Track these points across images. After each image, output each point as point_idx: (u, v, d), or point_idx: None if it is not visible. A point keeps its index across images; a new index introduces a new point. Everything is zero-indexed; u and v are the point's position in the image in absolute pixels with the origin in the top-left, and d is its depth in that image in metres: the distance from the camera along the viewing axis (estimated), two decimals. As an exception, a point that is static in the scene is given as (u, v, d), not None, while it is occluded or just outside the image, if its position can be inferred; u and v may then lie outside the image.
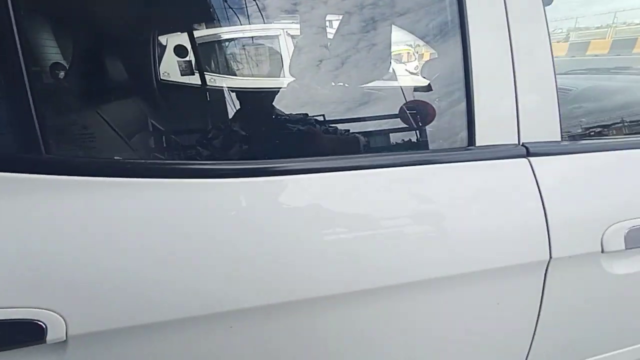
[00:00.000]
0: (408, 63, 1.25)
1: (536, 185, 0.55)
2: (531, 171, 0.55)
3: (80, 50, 0.77)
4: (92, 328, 0.43)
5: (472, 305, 0.58)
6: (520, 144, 0.57)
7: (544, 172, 0.56)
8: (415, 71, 1.00)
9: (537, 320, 0.61)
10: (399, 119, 0.69)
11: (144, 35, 0.94)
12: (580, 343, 0.67)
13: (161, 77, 1.09)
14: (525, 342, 0.63)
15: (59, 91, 0.68)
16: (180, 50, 1.15)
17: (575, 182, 0.59)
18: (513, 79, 0.56)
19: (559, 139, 0.58)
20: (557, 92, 0.58)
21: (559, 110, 0.58)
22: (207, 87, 1.16)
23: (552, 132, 0.58)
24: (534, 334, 0.63)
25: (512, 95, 0.57)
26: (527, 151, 0.56)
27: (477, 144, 0.56)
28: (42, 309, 0.41)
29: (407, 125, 0.69)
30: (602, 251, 0.57)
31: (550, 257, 0.55)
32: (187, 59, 1.14)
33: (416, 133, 0.68)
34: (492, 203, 0.55)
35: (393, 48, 0.85)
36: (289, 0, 0.78)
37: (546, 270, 0.57)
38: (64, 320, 0.41)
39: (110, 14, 0.67)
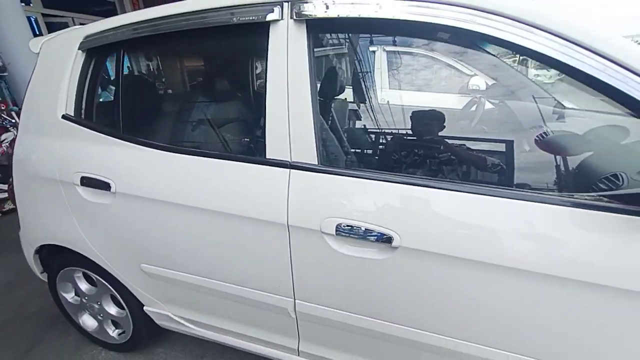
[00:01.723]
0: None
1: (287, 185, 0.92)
2: (288, 177, 0.92)
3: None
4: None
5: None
6: (290, 160, 0.92)
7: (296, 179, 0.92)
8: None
9: (292, 274, 0.98)
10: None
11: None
12: (323, 294, 0.99)
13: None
14: (289, 286, 1.00)
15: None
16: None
17: (312, 189, 0.92)
18: (287, 117, 0.91)
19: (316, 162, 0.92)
20: (314, 127, 0.90)
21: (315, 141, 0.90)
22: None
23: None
24: (293, 282, 0.99)
25: (287, 129, 0.91)
26: (291, 165, 0.92)
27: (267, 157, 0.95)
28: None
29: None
30: (321, 231, 0.89)
31: (288, 224, 0.92)
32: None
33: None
34: (270, 190, 0.94)
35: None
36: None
37: (289, 232, 0.93)
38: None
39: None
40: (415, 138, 1.14)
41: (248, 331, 1.20)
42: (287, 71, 0.90)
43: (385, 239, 0.84)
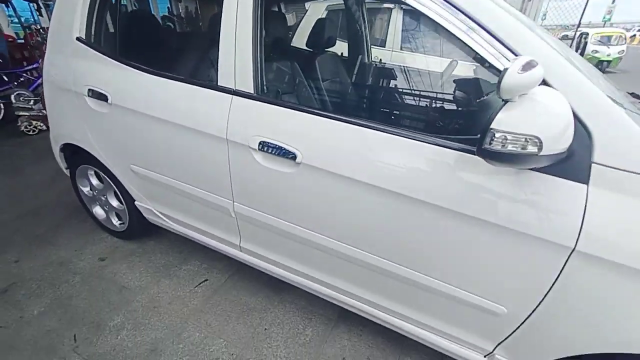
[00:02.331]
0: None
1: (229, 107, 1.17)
2: (230, 101, 1.17)
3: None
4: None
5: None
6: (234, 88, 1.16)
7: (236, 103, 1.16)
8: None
9: (230, 179, 1.26)
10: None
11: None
12: (253, 198, 1.28)
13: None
14: (229, 190, 1.30)
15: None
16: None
17: (246, 112, 1.16)
18: (234, 54, 1.14)
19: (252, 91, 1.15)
20: (252, 62, 1.13)
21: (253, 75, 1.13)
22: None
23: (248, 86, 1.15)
24: (232, 187, 1.28)
25: (233, 63, 1.15)
26: (234, 92, 1.17)
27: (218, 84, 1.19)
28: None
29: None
30: (249, 146, 1.15)
31: (227, 139, 1.18)
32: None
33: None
34: (218, 109, 1.19)
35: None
36: None
37: (228, 145, 1.19)
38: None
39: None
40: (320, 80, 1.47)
41: (205, 227, 1.53)
42: (236, 16, 1.11)
43: (291, 156, 1.08)
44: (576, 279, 0.83)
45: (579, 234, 0.79)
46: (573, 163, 0.78)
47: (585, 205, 0.78)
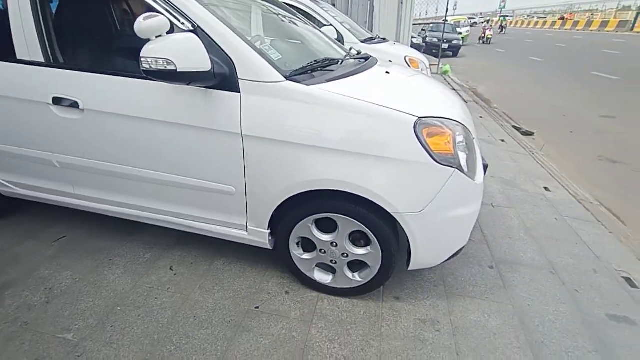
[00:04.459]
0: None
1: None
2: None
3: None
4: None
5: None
6: None
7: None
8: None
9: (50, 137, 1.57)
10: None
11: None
12: (66, 148, 1.61)
13: None
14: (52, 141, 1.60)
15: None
16: None
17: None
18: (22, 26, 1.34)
19: None
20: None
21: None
22: None
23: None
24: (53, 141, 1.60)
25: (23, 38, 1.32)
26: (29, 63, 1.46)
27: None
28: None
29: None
30: (47, 103, 1.50)
31: (31, 99, 1.47)
32: None
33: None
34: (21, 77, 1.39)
35: None
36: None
37: (32, 105, 1.50)
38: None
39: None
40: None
41: (41, 184, 1.82)
42: None
43: (76, 105, 1.46)
44: (252, 152, 1.34)
45: (240, 124, 1.29)
46: (229, 80, 1.27)
47: (240, 104, 1.28)
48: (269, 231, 1.55)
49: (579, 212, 2.50)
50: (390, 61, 2.12)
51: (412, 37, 10.77)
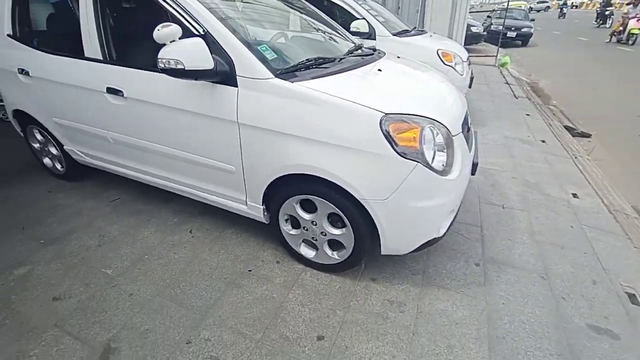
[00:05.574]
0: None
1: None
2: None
3: None
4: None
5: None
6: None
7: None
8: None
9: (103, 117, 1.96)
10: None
11: None
12: (117, 128, 1.88)
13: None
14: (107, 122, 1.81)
15: None
16: None
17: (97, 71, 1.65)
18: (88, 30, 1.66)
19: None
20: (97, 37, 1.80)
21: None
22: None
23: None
24: (109, 122, 1.84)
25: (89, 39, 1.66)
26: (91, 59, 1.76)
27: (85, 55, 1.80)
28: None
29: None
30: (103, 91, 1.82)
31: (91, 89, 1.75)
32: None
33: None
34: (85, 69, 1.82)
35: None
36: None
37: (92, 93, 1.68)
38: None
39: None
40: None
41: (106, 156, 2.31)
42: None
43: (121, 93, 1.84)
44: (246, 137, 1.58)
45: (237, 113, 1.54)
46: (230, 77, 1.52)
47: (237, 97, 1.53)
48: (264, 207, 1.80)
49: (605, 222, 2.31)
50: (398, 57, 2.18)
51: (472, 26, 10.01)
